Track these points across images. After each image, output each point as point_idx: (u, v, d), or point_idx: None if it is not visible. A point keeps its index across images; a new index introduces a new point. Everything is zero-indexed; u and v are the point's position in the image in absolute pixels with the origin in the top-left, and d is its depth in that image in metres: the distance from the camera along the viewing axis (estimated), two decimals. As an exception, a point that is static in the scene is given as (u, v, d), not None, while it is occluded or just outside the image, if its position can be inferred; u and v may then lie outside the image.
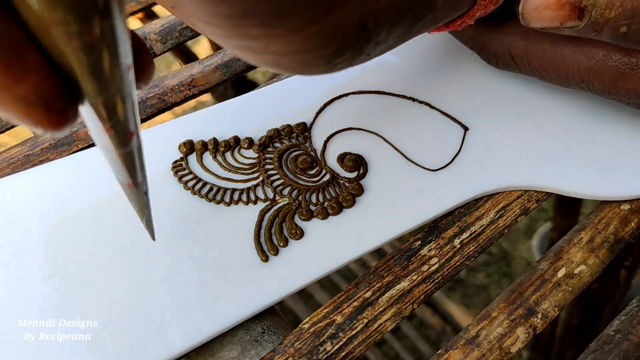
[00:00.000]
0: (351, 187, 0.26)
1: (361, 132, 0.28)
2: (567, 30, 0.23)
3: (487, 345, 0.21)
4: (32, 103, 0.13)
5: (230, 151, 0.27)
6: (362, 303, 0.23)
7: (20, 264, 0.23)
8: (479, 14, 0.24)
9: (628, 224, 0.25)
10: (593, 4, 0.22)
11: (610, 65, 0.24)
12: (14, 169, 0.27)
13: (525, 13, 0.23)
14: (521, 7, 0.23)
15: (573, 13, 0.22)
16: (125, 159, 0.17)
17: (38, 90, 0.13)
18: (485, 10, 0.24)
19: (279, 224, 0.25)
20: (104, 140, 0.16)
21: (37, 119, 0.13)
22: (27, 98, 0.13)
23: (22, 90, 0.12)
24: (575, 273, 0.23)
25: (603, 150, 0.27)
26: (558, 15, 0.23)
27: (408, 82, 0.30)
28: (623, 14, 0.22)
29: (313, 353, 0.21)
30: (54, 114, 0.13)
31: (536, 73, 0.27)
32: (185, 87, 0.32)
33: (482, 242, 0.25)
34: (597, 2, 0.22)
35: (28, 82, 0.12)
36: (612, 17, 0.22)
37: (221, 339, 0.22)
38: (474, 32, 0.28)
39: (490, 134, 0.28)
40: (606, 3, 0.22)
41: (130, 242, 0.24)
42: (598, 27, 0.22)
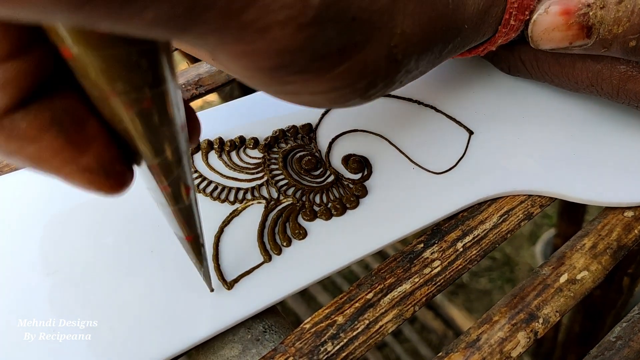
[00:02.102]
0: (355, 189, 0.26)
1: (366, 134, 0.28)
2: (576, 49, 0.23)
3: (488, 349, 0.21)
4: (95, 171, 0.13)
5: (236, 151, 0.28)
6: (363, 304, 0.23)
7: (21, 263, 0.23)
8: (501, 41, 0.24)
9: (631, 231, 0.25)
10: (600, 22, 0.22)
11: (618, 68, 0.24)
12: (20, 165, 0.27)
13: (534, 36, 0.24)
14: (530, 31, 0.24)
15: (581, 32, 0.22)
16: (182, 214, 0.17)
17: (99, 158, 0.13)
18: (507, 38, 0.24)
19: (282, 223, 0.25)
20: (160, 197, 0.16)
21: (99, 185, 0.14)
22: (90, 167, 0.13)
23: (85, 161, 0.13)
24: (577, 279, 0.23)
25: (608, 157, 0.27)
26: (567, 35, 0.23)
27: (414, 85, 0.31)
28: (631, 28, 0.22)
29: (314, 353, 0.21)
30: (114, 179, 0.14)
31: (546, 78, 0.27)
32: (192, 86, 0.32)
33: (484, 246, 0.25)
34: (605, 19, 0.22)
35: (90, 153, 0.13)
36: (620, 32, 0.22)
37: (222, 337, 0.22)
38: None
39: (495, 139, 0.28)
40: (613, 19, 0.22)
41: (132, 240, 0.24)
42: (607, 43, 0.22)
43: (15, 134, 0.12)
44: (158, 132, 0.13)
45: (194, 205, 0.17)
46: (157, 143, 0.14)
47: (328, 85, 0.16)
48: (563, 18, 0.22)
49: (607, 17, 0.22)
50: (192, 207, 0.17)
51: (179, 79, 0.32)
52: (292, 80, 0.15)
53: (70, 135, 0.13)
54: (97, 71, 0.12)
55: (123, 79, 0.12)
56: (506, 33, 0.24)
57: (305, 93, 0.16)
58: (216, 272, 0.23)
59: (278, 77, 0.15)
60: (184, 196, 0.16)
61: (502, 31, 0.23)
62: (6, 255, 0.23)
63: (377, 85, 0.17)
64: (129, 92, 0.12)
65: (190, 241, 0.19)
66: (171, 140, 0.14)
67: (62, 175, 0.14)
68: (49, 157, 0.13)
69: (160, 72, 0.12)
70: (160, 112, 0.13)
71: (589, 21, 0.22)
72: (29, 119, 0.12)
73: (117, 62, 0.11)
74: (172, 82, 0.13)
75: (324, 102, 0.17)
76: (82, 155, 0.13)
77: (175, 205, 0.16)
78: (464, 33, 0.21)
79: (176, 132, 0.14)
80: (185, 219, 0.17)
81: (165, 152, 0.14)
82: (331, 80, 0.16)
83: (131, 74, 0.12)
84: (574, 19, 0.22)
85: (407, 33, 0.17)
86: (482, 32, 0.23)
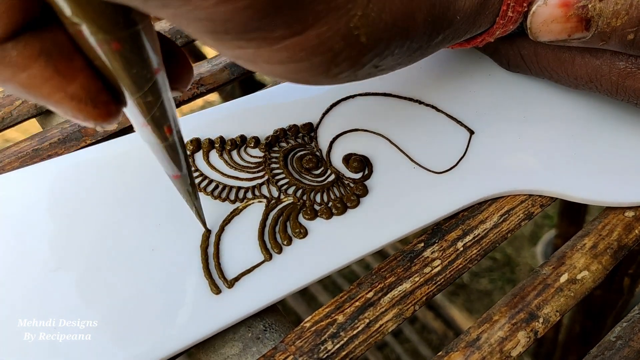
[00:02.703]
0: (356, 188, 0.26)
1: (367, 134, 0.29)
2: (574, 41, 0.23)
3: (488, 348, 0.21)
4: (82, 99, 0.15)
5: (237, 150, 0.28)
6: (364, 303, 0.23)
7: (21, 262, 0.23)
8: (499, 33, 0.24)
9: (632, 231, 0.25)
10: (599, 14, 0.22)
11: (617, 64, 0.24)
12: (22, 163, 0.28)
13: (533, 27, 0.24)
14: (529, 22, 0.24)
15: (580, 24, 0.22)
16: (167, 152, 0.19)
17: (85, 88, 0.15)
18: (505, 30, 0.24)
19: (283, 222, 0.25)
20: (145, 134, 0.18)
21: (87, 113, 0.16)
22: (78, 95, 0.15)
23: (72, 88, 0.15)
24: (577, 279, 0.23)
25: (608, 156, 0.27)
26: (565, 27, 0.23)
27: (414, 85, 0.31)
28: (629, 21, 0.22)
29: (314, 351, 0.21)
30: (100, 107, 0.16)
31: (545, 73, 0.27)
32: (193, 85, 0.32)
33: (485, 245, 0.25)
34: (603, 12, 0.22)
35: (77, 82, 0.15)
36: (618, 25, 0.22)
37: (223, 335, 0.22)
38: None
39: (496, 138, 0.28)
40: (612, 12, 0.22)
41: (132, 238, 0.24)
42: (605, 36, 0.22)
43: (7, 62, 0.14)
44: (129, 73, 0.15)
45: (177, 145, 0.19)
46: (131, 82, 0.15)
47: (280, 56, 0.16)
48: (562, 10, 0.22)
49: (605, 9, 0.22)
50: (176, 146, 0.19)
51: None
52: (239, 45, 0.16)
53: (58, 65, 0.15)
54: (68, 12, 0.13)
55: (89, 20, 0.13)
56: (504, 25, 0.24)
57: (261, 62, 0.17)
58: (217, 271, 0.23)
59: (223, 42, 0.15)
60: (166, 134, 0.18)
61: (500, 22, 0.23)
62: (6, 255, 0.23)
63: (339, 64, 0.18)
64: (97, 33, 0.14)
65: (178, 179, 0.21)
66: (145, 80, 0.15)
67: (53, 102, 0.15)
68: (39, 84, 0.15)
69: (127, 16, 0.14)
70: (129, 55, 0.14)
71: (587, 13, 0.22)
72: (19, 48, 0.14)
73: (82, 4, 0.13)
74: (142, 26, 0.14)
75: (285, 74, 0.18)
76: (70, 84, 0.15)
77: (159, 143, 0.18)
78: (456, 25, 0.21)
79: (149, 73, 0.15)
80: (171, 157, 0.19)
81: (140, 91, 0.16)
82: (282, 51, 0.16)
83: (98, 16, 0.13)
84: (573, 11, 0.22)
85: (372, 17, 0.17)
86: (478, 24, 0.23)
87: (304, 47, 0.16)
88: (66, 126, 0.29)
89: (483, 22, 0.23)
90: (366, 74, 0.20)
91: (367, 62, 0.19)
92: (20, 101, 0.31)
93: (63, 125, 0.29)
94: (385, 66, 0.20)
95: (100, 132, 0.29)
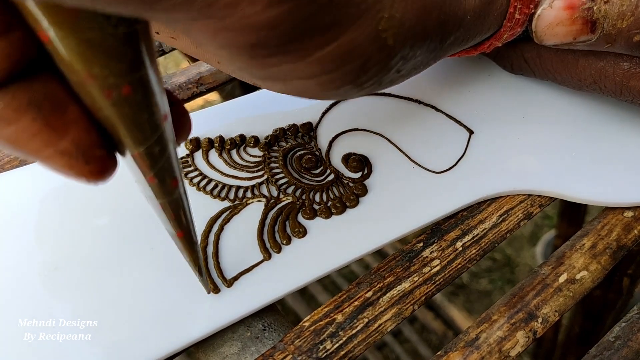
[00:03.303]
0: (355, 187, 0.26)
1: (366, 133, 0.29)
2: (580, 44, 0.23)
3: (487, 348, 0.21)
4: (73, 156, 0.14)
5: (236, 149, 0.28)
6: (362, 303, 0.23)
7: (21, 262, 0.23)
8: (507, 36, 0.24)
9: (631, 231, 0.25)
10: (605, 16, 0.22)
11: (621, 66, 0.24)
12: (22, 162, 0.28)
13: (538, 31, 0.23)
14: (534, 26, 0.24)
15: (585, 27, 0.22)
16: (170, 207, 0.17)
17: (78, 143, 0.14)
18: (512, 33, 0.24)
19: (282, 222, 0.25)
20: (147, 190, 0.16)
21: (79, 170, 0.14)
22: (68, 151, 0.14)
23: (63, 144, 0.13)
24: (576, 279, 0.23)
25: (608, 157, 0.27)
26: (571, 30, 0.23)
27: (414, 85, 0.31)
28: (635, 23, 0.22)
29: (313, 351, 0.21)
30: (94, 164, 0.14)
31: (549, 76, 0.27)
32: (193, 84, 0.32)
33: (484, 245, 0.25)
34: (609, 14, 0.22)
35: (69, 137, 0.13)
36: (624, 27, 0.22)
37: (222, 335, 0.22)
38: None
39: (495, 138, 0.28)
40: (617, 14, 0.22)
41: (131, 238, 0.24)
42: (611, 38, 0.22)
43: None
44: (139, 120, 0.13)
45: (183, 199, 0.17)
46: (139, 131, 0.14)
47: (314, 69, 0.16)
48: (567, 12, 0.22)
49: (611, 11, 0.22)
50: (181, 200, 0.17)
51: (180, 77, 0.32)
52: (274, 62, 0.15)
53: (48, 119, 0.13)
54: (74, 55, 0.12)
55: (99, 63, 0.12)
56: (511, 27, 0.24)
57: (293, 78, 0.16)
58: (216, 270, 0.23)
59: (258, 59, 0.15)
60: (171, 188, 0.16)
61: (507, 25, 0.23)
62: (6, 255, 0.23)
63: (368, 71, 0.17)
64: (107, 77, 0.12)
65: (182, 238, 0.19)
66: (153, 128, 0.14)
67: (41, 158, 0.14)
68: (27, 139, 0.13)
69: (138, 57, 0.13)
70: (140, 99, 0.13)
71: (592, 15, 0.22)
72: (7, 100, 0.13)
73: (93, 45, 0.12)
74: (151, 68, 0.13)
75: (316, 89, 0.17)
76: (61, 139, 0.13)
77: (162, 199, 0.16)
78: (466, 24, 0.21)
79: (158, 120, 0.14)
80: (175, 213, 0.17)
81: (147, 141, 0.14)
82: (316, 63, 0.16)
83: (108, 58, 0.12)
84: (578, 14, 0.22)
85: (398, 18, 0.17)
86: (487, 25, 0.23)
87: (337, 55, 0.16)
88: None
89: (491, 24, 0.23)
90: (389, 80, 0.19)
91: (393, 66, 0.18)
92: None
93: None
94: (406, 70, 0.20)
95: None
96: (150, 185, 0.16)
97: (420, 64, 0.20)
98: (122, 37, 0.12)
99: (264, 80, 0.17)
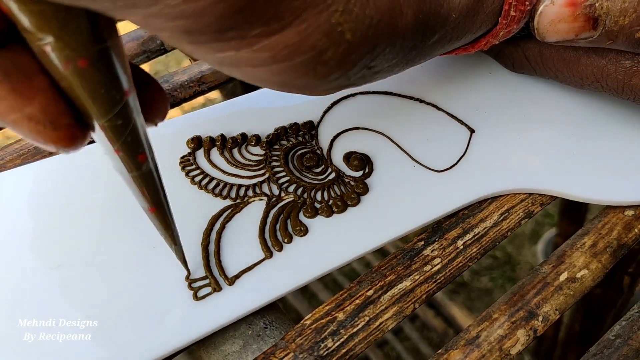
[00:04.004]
0: (356, 186, 0.26)
1: (368, 132, 0.29)
2: (581, 41, 0.23)
3: (487, 346, 0.21)
4: (40, 121, 0.15)
5: (238, 148, 0.28)
6: (364, 301, 0.23)
7: (23, 261, 0.23)
8: (503, 34, 0.24)
9: (632, 230, 0.25)
10: (607, 13, 0.22)
11: (623, 64, 0.24)
12: (24, 160, 0.28)
13: (540, 28, 0.23)
14: (536, 23, 0.23)
15: (587, 24, 0.22)
16: (140, 181, 0.17)
17: (44, 110, 0.15)
18: (509, 30, 0.24)
19: (283, 220, 0.25)
20: (117, 162, 0.17)
21: (47, 136, 0.15)
22: (36, 117, 0.15)
23: (30, 109, 0.14)
24: (577, 277, 0.24)
25: (609, 155, 0.27)
26: (573, 27, 0.23)
27: (415, 83, 0.31)
28: (637, 19, 0.22)
29: (314, 349, 0.21)
30: (61, 131, 0.15)
31: (551, 74, 0.27)
32: (194, 83, 0.32)
33: (485, 244, 0.25)
34: (611, 10, 0.22)
35: (35, 103, 0.14)
36: (626, 23, 0.22)
37: (224, 332, 0.22)
38: None
39: (496, 137, 0.28)
40: (619, 10, 0.22)
41: (132, 236, 0.24)
42: (612, 35, 0.22)
43: None
44: (97, 93, 0.14)
45: (153, 174, 0.17)
46: (99, 104, 0.14)
47: (262, 57, 0.16)
48: (569, 9, 0.22)
49: (613, 8, 0.22)
50: (151, 175, 0.17)
51: (181, 75, 0.32)
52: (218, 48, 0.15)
53: (15, 85, 0.14)
54: (30, 26, 0.12)
55: (54, 35, 0.13)
56: (507, 25, 0.23)
57: (245, 65, 0.16)
58: (218, 268, 0.23)
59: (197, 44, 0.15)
60: (138, 163, 0.17)
61: (503, 22, 0.23)
62: (7, 254, 0.23)
63: (326, 63, 0.17)
64: (62, 49, 0.13)
65: (154, 212, 0.19)
66: (113, 102, 0.14)
67: (9, 122, 0.15)
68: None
69: (95, 32, 0.13)
70: (97, 73, 0.14)
71: (595, 12, 0.22)
72: None
73: (46, 17, 0.12)
74: (111, 43, 0.14)
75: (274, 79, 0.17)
76: (27, 105, 0.14)
77: (131, 172, 0.17)
78: (451, 23, 0.21)
79: (119, 94, 0.15)
80: (146, 188, 0.18)
81: (108, 114, 0.15)
82: (265, 51, 0.16)
83: (61, 31, 0.13)
84: (580, 10, 0.22)
85: (355, 12, 0.17)
86: (477, 24, 0.23)
87: (285, 46, 0.16)
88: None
89: (484, 22, 0.23)
90: (360, 76, 0.19)
91: (357, 61, 0.18)
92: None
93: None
94: (380, 67, 0.19)
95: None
96: (117, 157, 0.16)
97: (398, 61, 0.20)
98: (77, 12, 0.13)
99: (220, 66, 0.17)
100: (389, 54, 0.19)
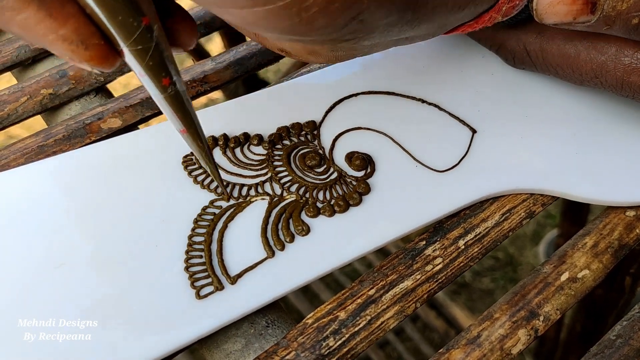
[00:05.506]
0: (358, 186, 0.26)
1: (370, 132, 0.29)
2: (579, 25, 0.23)
3: (489, 345, 0.22)
4: (73, 42, 0.17)
5: (240, 147, 0.28)
6: (365, 300, 0.23)
7: (23, 261, 0.23)
8: (506, 9, 0.24)
9: (633, 230, 0.25)
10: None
11: (622, 60, 0.24)
12: (27, 160, 0.28)
13: (539, 9, 0.23)
14: (535, 3, 0.23)
15: (585, 7, 0.22)
16: (167, 104, 0.19)
17: (76, 31, 0.17)
18: (512, 5, 0.24)
19: (285, 219, 0.25)
20: (147, 84, 0.18)
21: (80, 54, 0.17)
22: (69, 38, 0.17)
23: (64, 31, 0.17)
24: (578, 277, 0.24)
25: (610, 156, 0.27)
26: (571, 9, 0.23)
27: (417, 84, 0.31)
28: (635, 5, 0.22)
29: (316, 348, 0.21)
30: (92, 51, 0.17)
31: (551, 69, 0.27)
32: (197, 83, 0.32)
33: (486, 244, 0.25)
34: None
35: (68, 25, 0.17)
36: (624, 9, 0.22)
37: (225, 331, 0.22)
38: (491, 31, 0.28)
39: (498, 137, 0.28)
40: None
41: (135, 235, 0.24)
42: (610, 20, 0.22)
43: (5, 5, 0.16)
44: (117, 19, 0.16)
45: (181, 98, 0.19)
46: (119, 29, 0.16)
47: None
48: None
49: None
50: (178, 98, 0.19)
51: (184, 75, 0.33)
52: None
53: (50, 9, 0.16)
54: None
55: None
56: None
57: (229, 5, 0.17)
58: (220, 267, 0.23)
59: None
60: (163, 85, 0.18)
61: None
62: (7, 254, 0.23)
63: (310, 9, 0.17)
64: None
65: (185, 134, 0.20)
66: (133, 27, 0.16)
67: (47, 43, 0.17)
68: (33, 25, 0.16)
69: None
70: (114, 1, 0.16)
71: None
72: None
73: None
74: None
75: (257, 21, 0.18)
76: (61, 27, 0.16)
77: (160, 94, 0.18)
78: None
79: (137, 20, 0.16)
80: (174, 110, 0.19)
81: (128, 39, 0.16)
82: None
83: None
84: None
85: None
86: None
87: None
88: (71, 123, 0.29)
89: None
90: (351, 29, 0.19)
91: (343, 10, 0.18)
92: (25, 98, 0.31)
93: (68, 122, 0.30)
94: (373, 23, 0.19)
95: (104, 129, 0.29)
96: (144, 79, 0.18)
97: (395, 21, 0.20)
98: None
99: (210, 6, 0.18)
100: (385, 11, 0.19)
